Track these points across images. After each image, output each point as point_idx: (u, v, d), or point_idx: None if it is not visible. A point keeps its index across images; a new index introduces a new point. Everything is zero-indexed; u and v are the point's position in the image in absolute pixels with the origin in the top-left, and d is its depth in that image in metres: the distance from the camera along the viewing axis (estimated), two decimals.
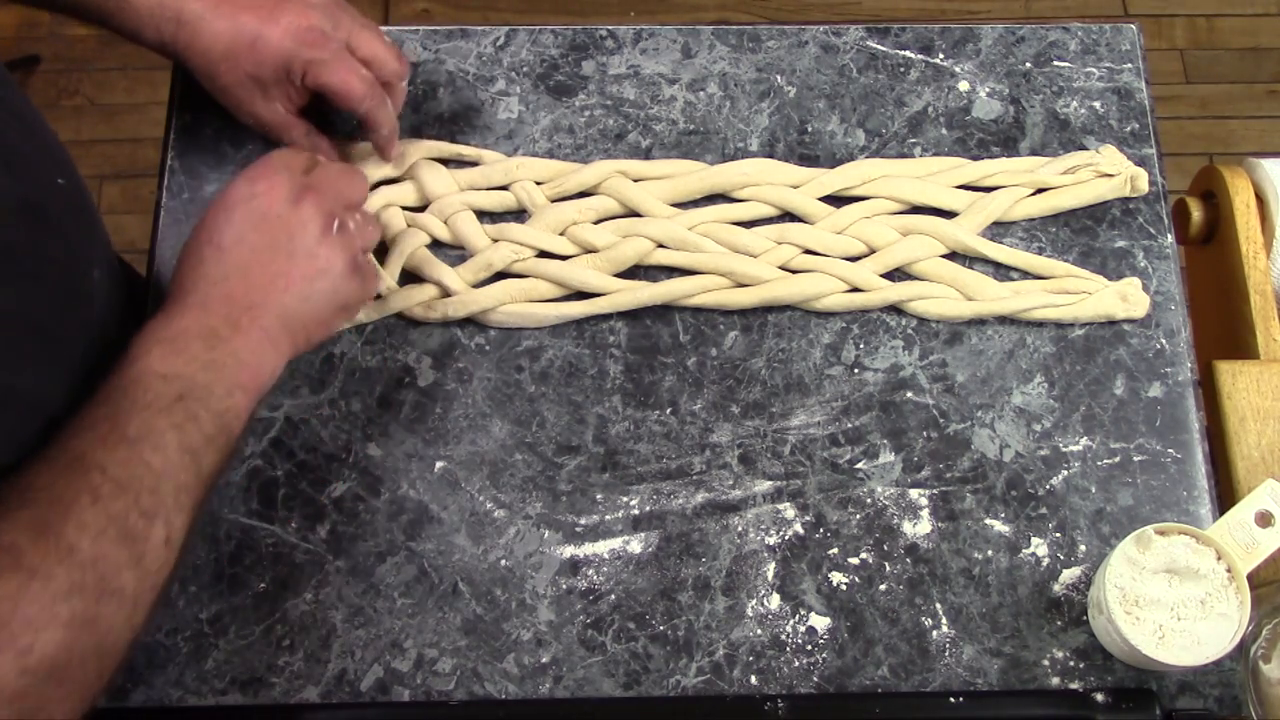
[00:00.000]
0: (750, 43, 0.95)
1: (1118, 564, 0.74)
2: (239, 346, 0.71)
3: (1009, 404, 0.85)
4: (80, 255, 0.74)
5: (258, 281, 0.73)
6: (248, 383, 0.71)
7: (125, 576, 0.62)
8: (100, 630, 0.60)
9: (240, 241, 0.73)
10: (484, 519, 0.81)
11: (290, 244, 0.75)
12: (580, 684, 0.77)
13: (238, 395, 0.70)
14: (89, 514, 0.61)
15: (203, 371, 0.69)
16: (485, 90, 0.94)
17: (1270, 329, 0.91)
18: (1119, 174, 0.89)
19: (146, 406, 0.66)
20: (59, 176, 0.73)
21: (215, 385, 0.69)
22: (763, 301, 0.86)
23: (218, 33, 0.81)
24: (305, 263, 0.75)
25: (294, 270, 0.74)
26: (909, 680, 0.78)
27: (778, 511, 0.82)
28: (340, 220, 0.77)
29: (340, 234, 0.77)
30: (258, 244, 0.74)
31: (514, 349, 0.86)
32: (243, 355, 0.71)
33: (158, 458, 0.65)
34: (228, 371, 0.70)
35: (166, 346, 0.69)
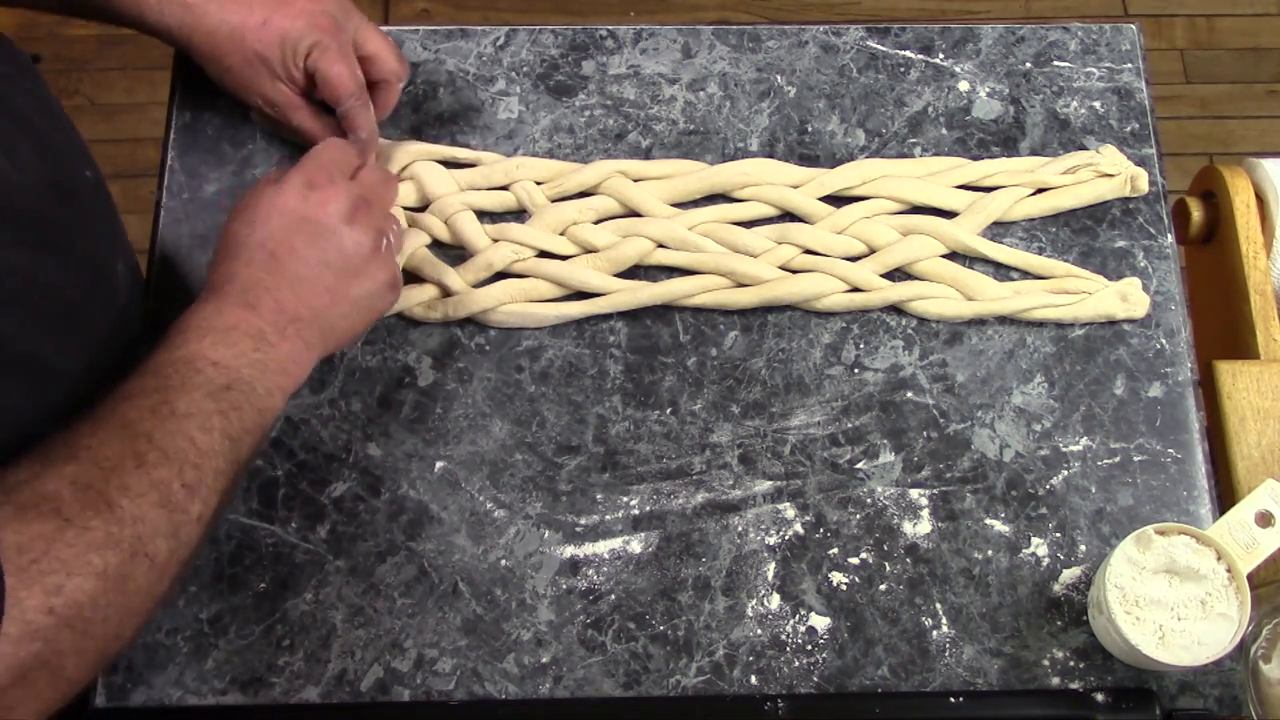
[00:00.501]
0: (750, 43, 0.95)
1: (1118, 564, 0.74)
2: (283, 353, 0.73)
3: (1009, 404, 0.85)
4: (106, 245, 0.75)
5: (307, 297, 0.74)
6: (286, 385, 0.73)
7: (160, 543, 0.63)
8: (128, 590, 0.61)
9: (294, 253, 0.74)
10: (484, 519, 0.81)
11: (343, 261, 0.76)
12: (580, 684, 0.77)
13: (276, 396, 0.72)
14: (132, 477, 0.62)
15: (249, 368, 0.70)
16: (485, 90, 0.94)
17: (1270, 329, 0.91)
18: (1119, 174, 0.89)
19: (197, 388, 0.68)
20: (86, 169, 0.75)
21: (258, 383, 0.71)
22: (763, 301, 0.86)
23: (227, 12, 0.82)
24: (355, 281, 0.76)
25: (342, 288, 0.76)
26: (909, 680, 0.78)
27: (778, 511, 0.82)
28: (387, 237, 0.78)
29: (388, 251, 0.78)
30: (311, 259, 0.75)
31: (514, 349, 0.86)
32: (285, 362, 0.73)
33: (203, 437, 0.66)
34: (270, 373, 0.72)
35: (219, 337, 0.71)
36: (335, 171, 0.78)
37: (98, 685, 0.77)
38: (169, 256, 0.88)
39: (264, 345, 0.72)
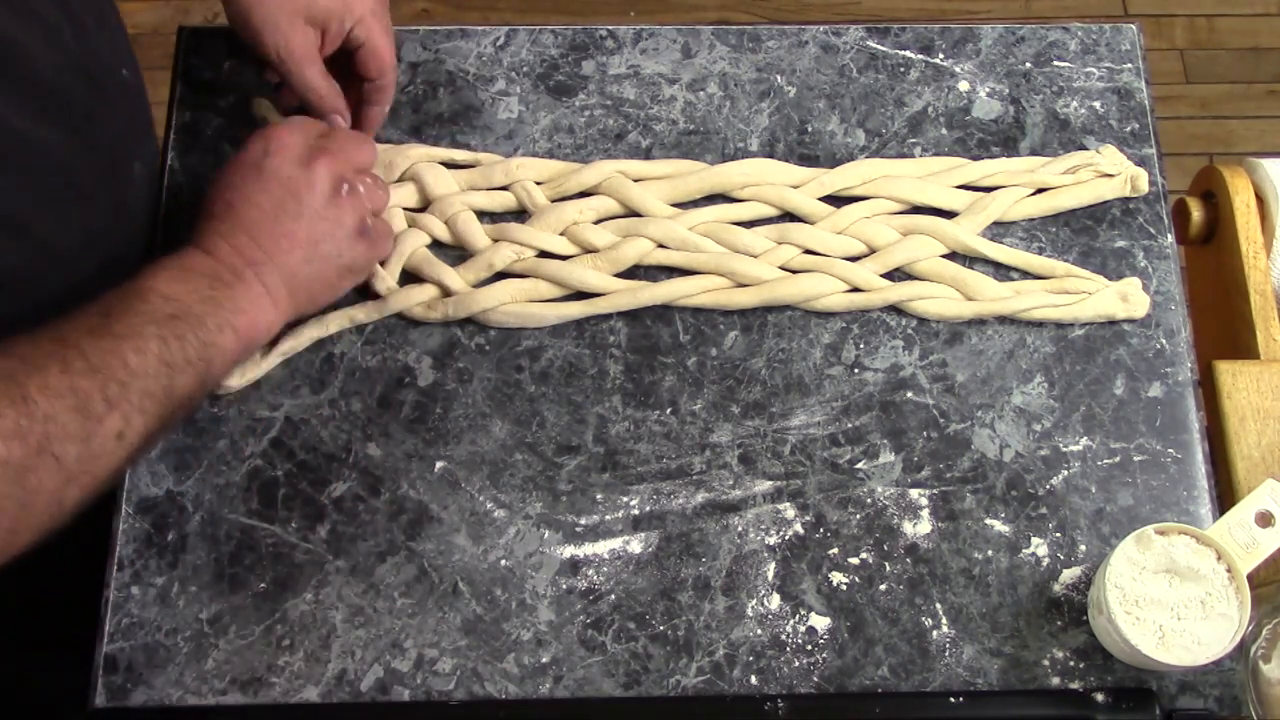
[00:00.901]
0: (750, 43, 0.95)
1: (1118, 564, 0.74)
2: (239, 293, 0.73)
3: (1009, 404, 0.85)
4: (126, 141, 0.77)
5: (264, 241, 0.75)
6: (241, 326, 0.73)
7: (69, 447, 0.63)
8: (28, 486, 0.61)
9: (248, 200, 0.75)
10: (484, 519, 0.81)
11: (297, 205, 0.76)
12: (580, 684, 0.77)
13: (228, 333, 0.72)
14: (54, 379, 0.63)
15: (200, 304, 0.71)
16: (485, 90, 0.94)
17: (1270, 329, 0.91)
18: (1119, 174, 0.89)
19: (140, 314, 0.69)
20: (123, 69, 0.76)
21: (209, 317, 0.71)
22: (763, 301, 0.86)
23: None
24: (311, 224, 0.77)
25: (299, 231, 0.76)
26: (909, 680, 0.78)
27: (778, 511, 0.82)
28: (350, 183, 0.79)
29: (349, 197, 0.78)
30: (265, 204, 0.76)
31: (514, 349, 0.86)
32: (241, 302, 0.73)
33: (135, 359, 0.67)
34: (224, 310, 0.72)
35: (173, 273, 0.72)
36: (295, 127, 0.79)
37: (98, 685, 0.77)
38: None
39: (218, 284, 0.73)
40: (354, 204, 0.79)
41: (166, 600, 0.79)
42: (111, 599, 0.79)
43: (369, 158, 0.83)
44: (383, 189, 0.83)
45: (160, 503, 0.81)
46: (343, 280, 0.80)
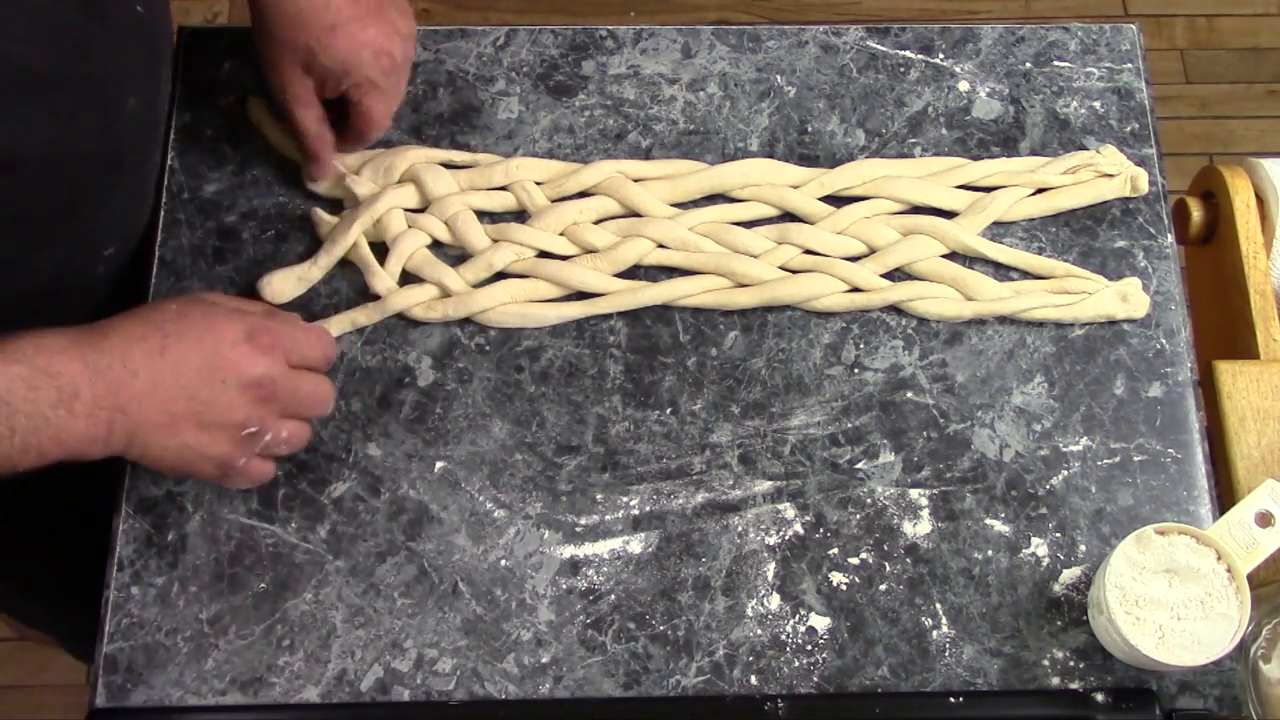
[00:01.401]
0: (750, 43, 0.95)
1: (1118, 564, 0.74)
2: (75, 429, 0.67)
3: (1009, 404, 0.85)
4: (124, 74, 0.76)
5: (148, 408, 0.70)
6: (50, 454, 0.67)
7: None
8: None
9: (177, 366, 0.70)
10: (484, 519, 0.81)
11: (204, 409, 0.71)
12: (580, 684, 0.77)
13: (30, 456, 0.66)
14: None
15: (25, 418, 0.65)
16: (485, 90, 0.94)
17: (1270, 329, 0.91)
18: (1119, 174, 0.89)
19: None
20: (140, 4, 0.76)
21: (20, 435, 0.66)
22: (763, 302, 0.86)
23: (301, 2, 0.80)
24: (194, 430, 0.72)
25: (182, 425, 0.71)
26: (909, 680, 0.78)
27: (778, 511, 0.82)
28: (258, 431, 0.74)
29: (246, 439, 0.74)
30: (184, 385, 0.71)
31: (514, 349, 0.86)
32: (66, 437, 0.67)
33: None
34: (43, 436, 0.66)
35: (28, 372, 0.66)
36: (279, 350, 0.74)
37: (98, 685, 0.77)
38: (169, 258, 0.88)
39: (63, 410, 0.66)
40: (242, 445, 0.74)
41: (166, 600, 0.79)
42: (111, 599, 0.79)
43: (314, 411, 0.78)
44: (296, 442, 0.77)
45: (160, 503, 0.81)
46: (172, 471, 0.75)
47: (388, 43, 0.83)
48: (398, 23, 0.84)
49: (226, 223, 0.89)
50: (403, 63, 0.86)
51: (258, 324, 0.74)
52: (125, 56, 0.77)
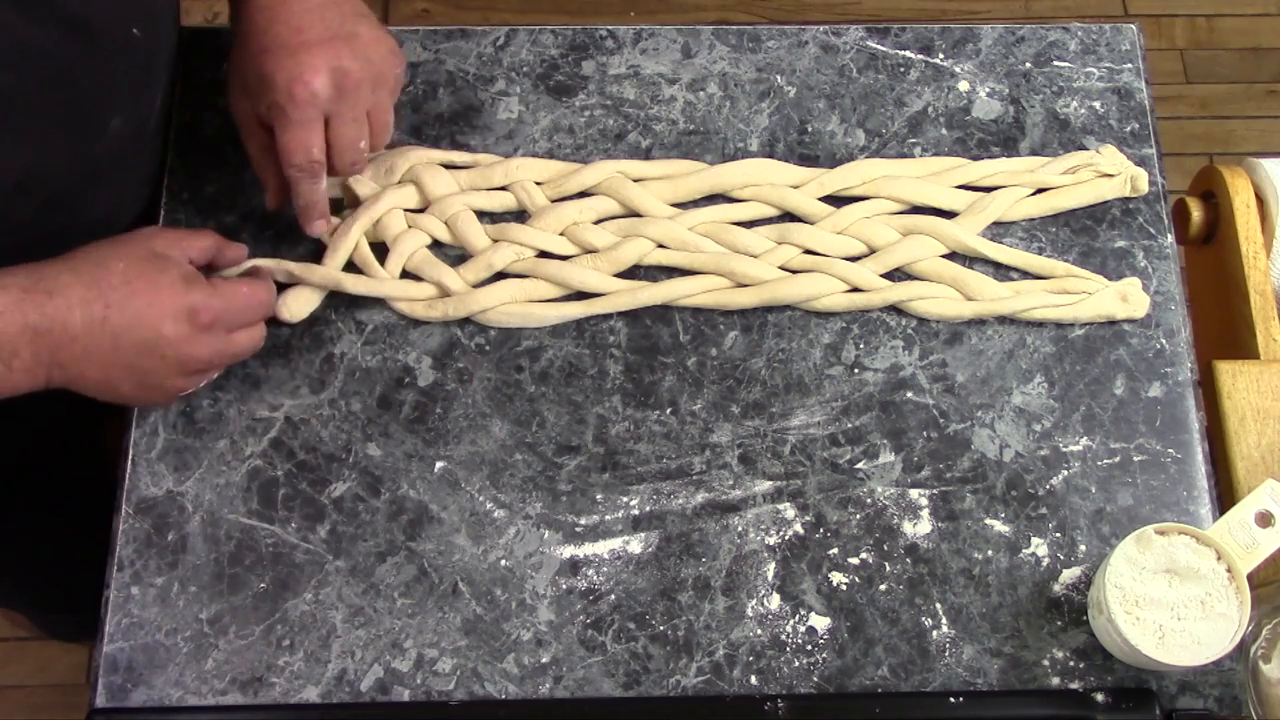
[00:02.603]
0: (750, 43, 0.95)
1: (1118, 564, 0.74)
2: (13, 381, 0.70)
3: (1009, 404, 0.85)
4: (109, 95, 0.74)
5: (85, 363, 0.71)
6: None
7: None
8: None
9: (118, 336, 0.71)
10: (484, 519, 0.81)
11: (141, 380, 0.74)
12: (580, 684, 0.77)
13: None
14: None
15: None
16: (485, 90, 0.94)
17: (1270, 329, 0.91)
18: (1119, 174, 0.89)
19: None
20: (135, 27, 0.74)
21: None
22: (763, 302, 0.86)
23: (255, 23, 0.78)
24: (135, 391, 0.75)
25: (122, 387, 0.74)
26: (909, 680, 0.78)
27: (778, 511, 0.82)
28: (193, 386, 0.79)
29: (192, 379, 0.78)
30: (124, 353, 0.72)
31: (514, 349, 0.86)
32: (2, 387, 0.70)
33: None
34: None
35: None
36: (221, 325, 0.76)
37: (98, 685, 0.77)
38: None
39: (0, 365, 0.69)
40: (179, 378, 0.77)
41: (166, 600, 0.79)
42: (111, 599, 0.79)
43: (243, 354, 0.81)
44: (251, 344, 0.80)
45: (160, 503, 0.81)
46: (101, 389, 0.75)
47: (310, 71, 0.77)
48: (341, 54, 0.78)
49: (226, 223, 0.89)
50: (332, 93, 0.78)
51: (199, 302, 0.74)
52: (111, 78, 0.75)
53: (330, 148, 0.81)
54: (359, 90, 0.79)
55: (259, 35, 0.78)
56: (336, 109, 0.79)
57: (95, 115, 0.76)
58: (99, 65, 0.74)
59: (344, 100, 0.79)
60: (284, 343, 0.85)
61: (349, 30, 0.79)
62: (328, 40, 0.78)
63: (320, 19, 0.78)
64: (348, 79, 0.78)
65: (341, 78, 0.78)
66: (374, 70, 0.80)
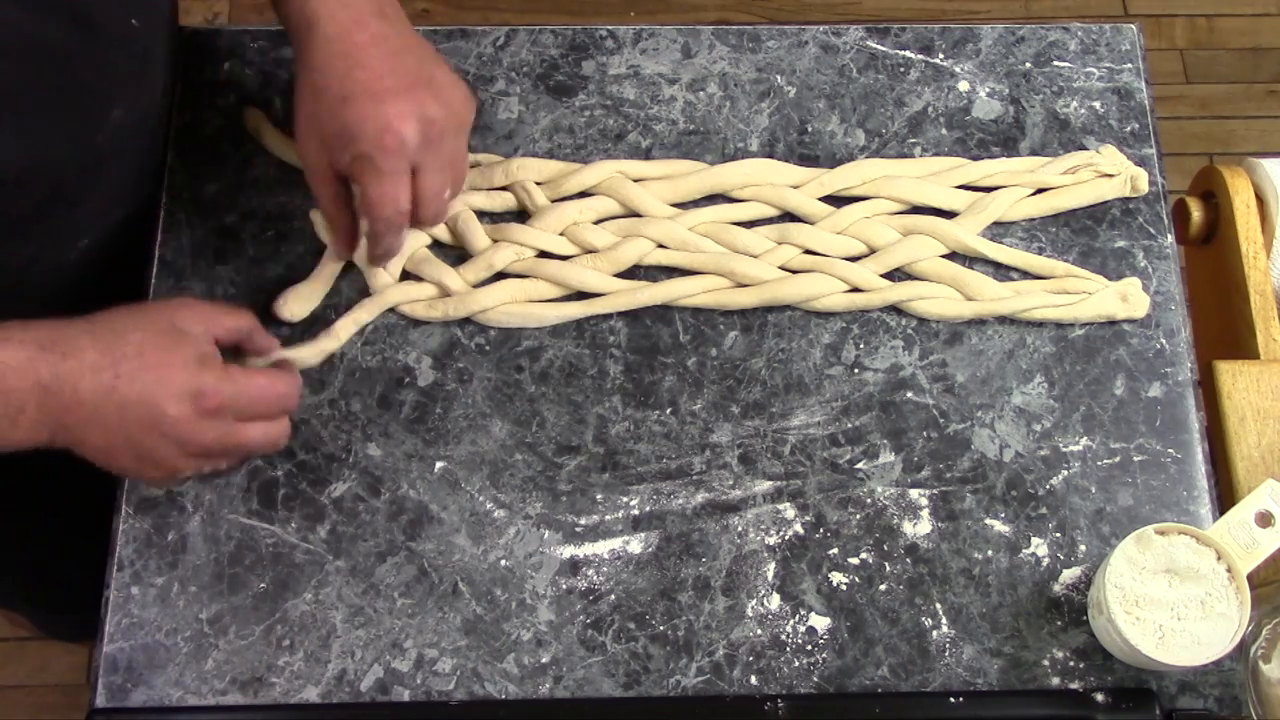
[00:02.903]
0: (750, 43, 0.95)
1: (1118, 564, 0.74)
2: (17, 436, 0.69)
3: (1009, 404, 0.85)
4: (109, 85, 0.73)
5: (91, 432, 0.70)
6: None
7: None
8: None
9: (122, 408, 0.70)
10: (484, 519, 0.81)
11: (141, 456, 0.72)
12: (580, 684, 0.77)
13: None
14: None
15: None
16: (485, 90, 0.94)
17: (1270, 329, 0.91)
18: (1119, 174, 0.89)
19: None
20: (134, 18, 0.72)
21: None
22: (763, 302, 0.86)
23: (331, 69, 0.74)
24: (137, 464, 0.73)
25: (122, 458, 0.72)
26: (909, 680, 0.78)
27: (778, 511, 0.82)
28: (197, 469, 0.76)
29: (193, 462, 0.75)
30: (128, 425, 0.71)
31: (514, 349, 0.86)
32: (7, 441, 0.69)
33: None
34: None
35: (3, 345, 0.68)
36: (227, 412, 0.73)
37: (98, 685, 0.77)
38: (169, 258, 0.88)
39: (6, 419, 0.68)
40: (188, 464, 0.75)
41: (166, 600, 0.79)
42: (111, 599, 0.79)
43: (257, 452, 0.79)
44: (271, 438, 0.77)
45: (160, 503, 0.81)
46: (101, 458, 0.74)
47: (399, 121, 0.73)
48: (425, 102, 0.74)
49: (226, 223, 0.89)
50: (419, 142, 0.74)
51: (207, 386, 0.72)
52: (111, 68, 0.75)
53: (417, 199, 0.76)
54: (444, 139, 0.76)
55: (339, 82, 0.74)
56: (423, 159, 0.75)
57: (96, 106, 0.75)
58: (99, 55, 0.73)
59: (430, 150, 0.75)
60: (284, 343, 0.85)
61: (428, 75, 0.76)
62: (410, 87, 0.74)
63: (401, 64, 0.75)
64: (433, 127, 0.75)
65: (428, 126, 0.74)
66: (456, 118, 0.77)
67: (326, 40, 0.74)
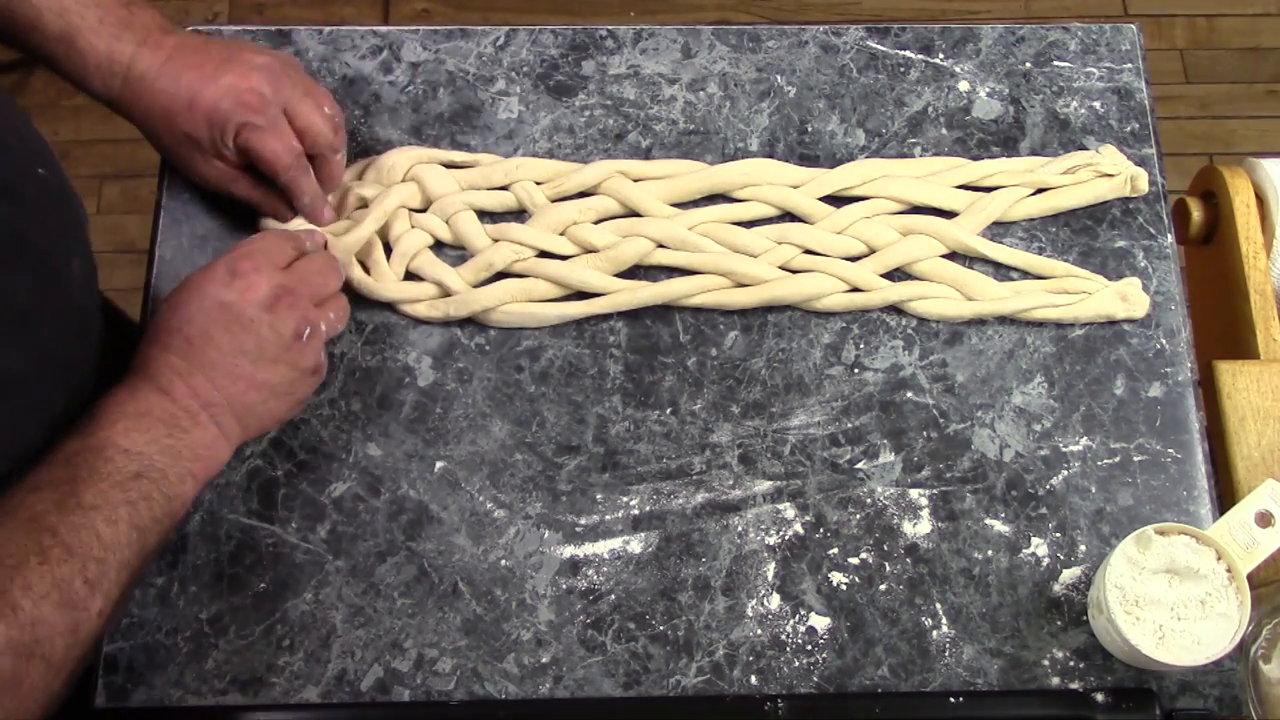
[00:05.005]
0: (750, 43, 0.95)
1: (1118, 564, 0.74)
2: (196, 439, 0.73)
3: (1009, 404, 0.85)
4: (59, 243, 0.74)
5: (221, 382, 0.74)
6: (199, 472, 0.73)
7: (57, 643, 0.62)
8: (21, 693, 0.60)
9: (208, 339, 0.74)
10: (484, 519, 0.81)
11: (258, 349, 0.75)
12: (580, 684, 0.77)
13: (189, 483, 0.72)
14: (35, 575, 0.62)
15: (160, 455, 0.71)
16: (485, 90, 0.94)
17: (1270, 329, 0.91)
18: (1119, 174, 0.89)
19: (105, 477, 0.67)
20: (39, 167, 0.73)
21: (170, 470, 0.71)
22: (763, 301, 0.86)
23: (158, 91, 0.81)
24: (270, 369, 0.76)
25: (258, 375, 0.75)
26: (909, 680, 0.78)
27: (778, 511, 0.82)
28: (312, 325, 0.78)
29: (310, 340, 0.77)
30: (226, 344, 0.75)
31: (514, 349, 0.86)
32: (198, 448, 0.73)
33: (108, 530, 0.66)
34: (184, 459, 0.72)
35: (131, 423, 0.71)
36: (262, 260, 0.78)
37: (98, 685, 0.77)
38: (169, 257, 0.88)
39: (177, 431, 0.72)
40: (313, 347, 0.78)
41: (166, 600, 0.79)
42: None
43: (333, 285, 0.81)
44: (342, 315, 0.82)
45: None
46: (291, 412, 0.80)
47: (244, 82, 0.81)
48: (251, 59, 0.82)
49: (226, 222, 0.89)
50: (271, 93, 0.82)
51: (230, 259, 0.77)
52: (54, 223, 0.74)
53: (307, 131, 0.83)
54: (285, 77, 0.83)
55: (171, 97, 0.81)
56: (284, 97, 0.82)
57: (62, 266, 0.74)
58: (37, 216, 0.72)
59: (283, 89, 0.82)
60: None
61: (234, 46, 0.84)
62: (229, 59, 0.82)
63: (209, 50, 0.82)
64: (270, 72, 0.82)
65: (267, 73, 0.82)
66: (279, 60, 0.84)
67: (142, 78, 0.81)
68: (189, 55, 0.82)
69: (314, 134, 0.83)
